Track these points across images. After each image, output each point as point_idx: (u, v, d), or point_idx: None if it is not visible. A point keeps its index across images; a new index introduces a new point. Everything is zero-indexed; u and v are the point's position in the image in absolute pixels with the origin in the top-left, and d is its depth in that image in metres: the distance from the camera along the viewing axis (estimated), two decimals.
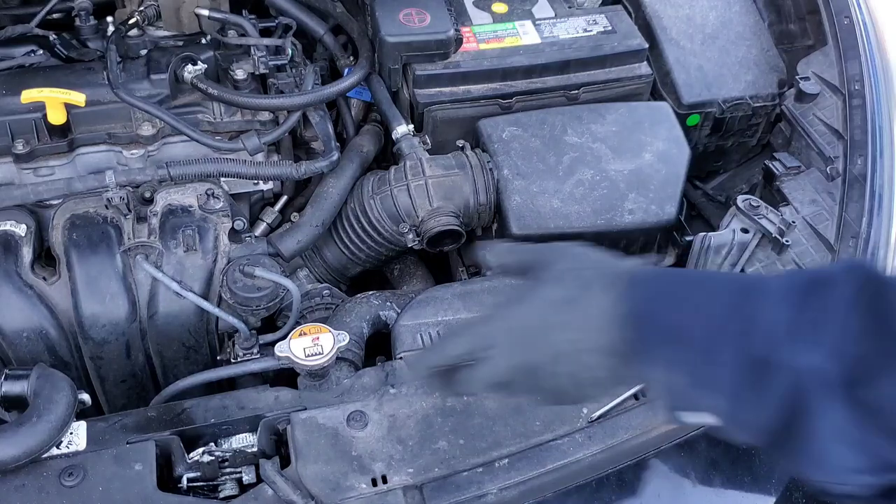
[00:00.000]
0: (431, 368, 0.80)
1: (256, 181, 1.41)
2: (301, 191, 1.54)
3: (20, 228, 1.25)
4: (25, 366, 1.07)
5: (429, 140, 1.48)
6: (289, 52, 1.45)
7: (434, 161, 1.39)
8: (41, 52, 1.42)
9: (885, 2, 1.57)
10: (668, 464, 1.10)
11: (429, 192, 1.35)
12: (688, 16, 1.66)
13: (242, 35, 1.46)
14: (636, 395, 1.11)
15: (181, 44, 1.47)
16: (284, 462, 1.03)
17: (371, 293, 1.33)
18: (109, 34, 1.46)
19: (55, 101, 1.25)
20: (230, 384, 1.28)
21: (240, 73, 1.40)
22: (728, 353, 0.70)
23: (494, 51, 1.51)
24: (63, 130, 1.30)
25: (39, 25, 1.43)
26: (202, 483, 1.04)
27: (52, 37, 1.43)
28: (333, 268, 1.47)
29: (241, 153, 1.37)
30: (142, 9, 1.48)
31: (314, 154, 1.50)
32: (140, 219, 1.29)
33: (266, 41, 1.44)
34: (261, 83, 1.45)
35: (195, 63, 1.38)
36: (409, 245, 1.37)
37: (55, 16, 1.51)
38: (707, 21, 1.66)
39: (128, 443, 1.02)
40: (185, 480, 1.03)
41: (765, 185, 1.49)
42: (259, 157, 1.39)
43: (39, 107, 1.27)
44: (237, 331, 1.23)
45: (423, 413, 1.07)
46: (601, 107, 1.50)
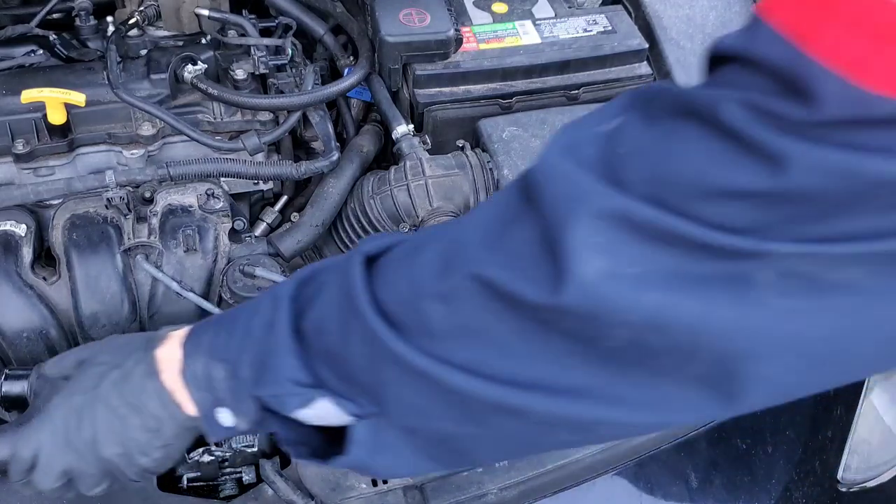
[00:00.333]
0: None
1: (256, 181, 1.41)
2: (301, 191, 1.54)
3: (20, 228, 1.25)
4: (26, 366, 1.07)
5: (429, 140, 1.48)
6: (289, 52, 1.45)
7: (434, 161, 1.39)
8: (41, 52, 1.42)
9: None
10: (668, 464, 1.10)
11: (429, 192, 1.35)
12: (688, 16, 1.66)
13: (242, 35, 1.46)
14: None
15: (181, 44, 1.47)
16: (284, 462, 1.03)
17: None
18: (109, 34, 1.46)
19: (55, 101, 1.25)
20: None
21: (240, 73, 1.40)
22: (241, 316, 0.76)
23: (494, 51, 1.51)
24: (63, 130, 1.30)
25: (39, 25, 1.43)
26: (202, 483, 1.04)
27: (52, 37, 1.43)
28: None
29: (242, 153, 1.37)
30: (142, 9, 1.48)
31: (314, 154, 1.50)
32: (140, 219, 1.29)
33: (266, 41, 1.44)
34: (261, 83, 1.45)
35: (195, 63, 1.38)
36: None
37: (55, 16, 1.51)
38: (707, 21, 1.66)
39: None
40: (186, 480, 1.03)
41: None
42: (259, 157, 1.39)
43: (39, 107, 1.27)
44: None
45: None
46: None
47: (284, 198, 1.51)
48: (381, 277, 0.67)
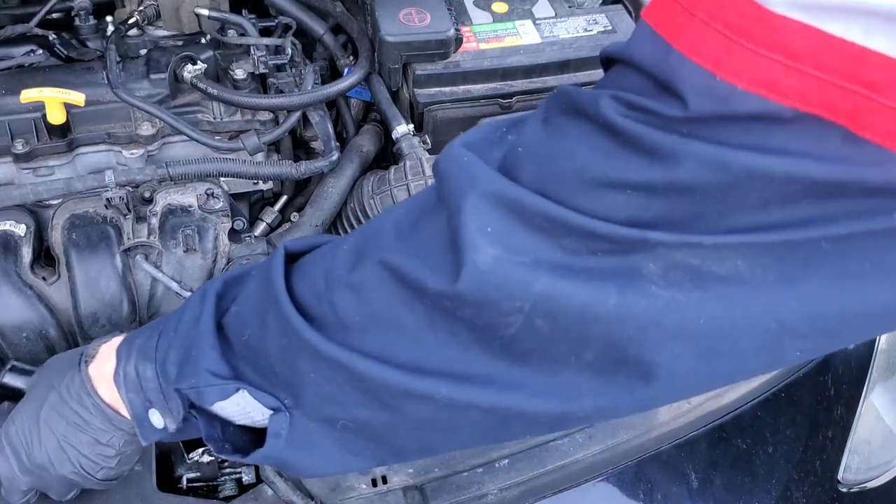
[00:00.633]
0: None
1: (256, 181, 1.40)
2: (301, 191, 1.54)
3: (20, 228, 1.25)
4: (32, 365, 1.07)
5: (429, 140, 1.48)
6: (288, 52, 1.45)
7: (434, 161, 1.39)
8: (40, 52, 1.42)
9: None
10: (668, 464, 1.10)
11: None
12: None
13: (242, 35, 1.45)
14: None
15: (181, 43, 1.47)
16: None
17: None
18: (109, 34, 1.46)
19: (55, 101, 1.25)
20: None
21: (239, 73, 1.40)
22: (171, 316, 0.79)
23: (495, 50, 1.50)
24: (62, 130, 1.30)
25: (39, 25, 1.43)
26: (202, 483, 1.04)
27: (52, 36, 1.43)
28: None
29: (241, 153, 1.37)
30: (141, 8, 1.48)
31: (314, 154, 1.50)
32: (140, 219, 1.29)
33: (266, 41, 1.44)
34: (260, 83, 1.45)
35: (195, 63, 1.38)
36: None
37: (55, 15, 1.51)
38: None
39: None
40: (185, 481, 1.03)
41: None
42: (259, 157, 1.39)
43: (39, 106, 1.27)
44: None
45: None
46: None
47: (284, 198, 1.51)
48: (300, 271, 0.70)
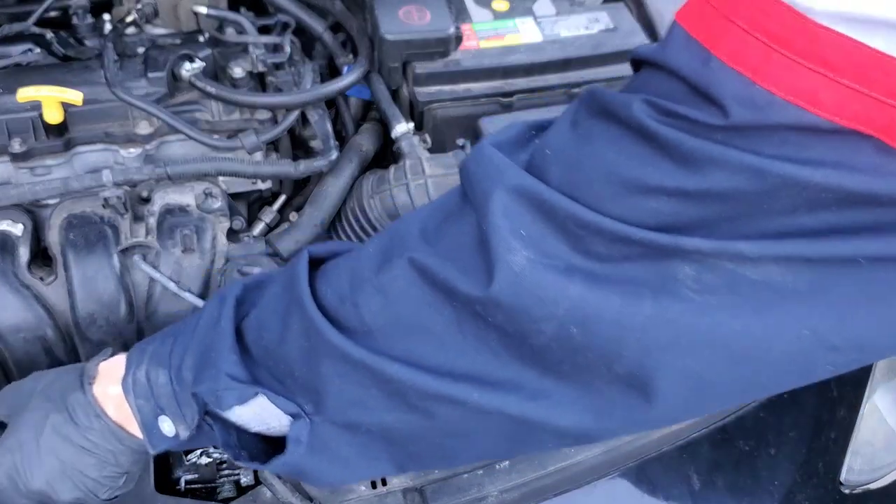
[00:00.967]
0: None
1: (255, 180, 1.40)
2: (300, 190, 1.53)
3: (16, 228, 1.24)
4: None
5: (429, 139, 1.47)
6: (287, 50, 1.45)
7: (434, 160, 1.38)
8: (38, 51, 1.41)
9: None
10: (670, 466, 1.09)
11: (429, 192, 1.34)
12: None
13: (241, 33, 1.45)
14: None
15: (179, 42, 1.46)
16: None
17: None
18: (106, 32, 1.46)
19: (52, 100, 1.24)
20: None
21: (238, 72, 1.39)
22: (184, 324, 0.79)
23: (495, 49, 1.50)
24: (60, 129, 1.29)
25: (36, 23, 1.42)
26: (200, 485, 1.03)
27: (49, 35, 1.42)
28: None
29: (240, 152, 1.36)
30: (139, 6, 1.47)
31: (313, 153, 1.49)
32: (137, 218, 1.28)
33: (264, 39, 1.43)
34: (259, 81, 1.45)
35: (193, 61, 1.38)
36: None
37: (52, 14, 1.50)
38: None
39: None
40: (183, 482, 1.02)
41: None
42: (257, 156, 1.38)
43: (36, 105, 1.26)
44: None
45: None
46: None
47: (283, 197, 1.50)
48: (324, 275, 0.69)
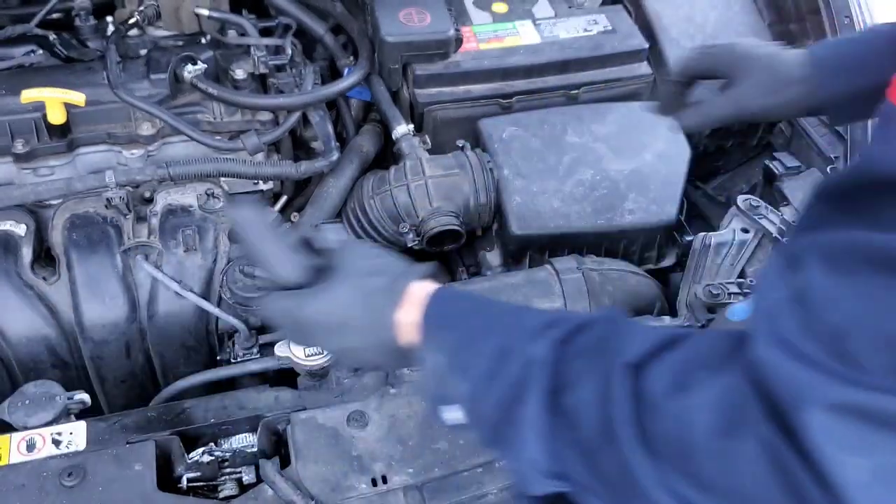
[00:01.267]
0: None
1: (256, 181, 1.40)
2: (301, 191, 1.54)
3: (20, 228, 1.25)
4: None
5: (429, 140, 1.48)
6: (288, 52, 1.45)
7: (434, 161, 1.39)
8: (41, 52, 1.42)
9: (886, 1, 1.57)
10: None
11: (429, 192, 1.35)
12: (688, 15, 1.66)
13: (242, 35, 1.46)
14: None
15: (181, 43, 1.47)
16: (284, 462, 1.02)
17: None
18: (109, 34, 1.46)
19: (55, 101, 1.25)
20: (230, 384, 1.28)
21: (239, 73, 1.40)
22: (488, 343, 0.76)
23: (495, 50, 1.50)
24: (63, 130, 1.30)
25: (39, 25, 1.43)
26: (202, 483, 1.04)
27: (52, 36, 1.43)
28: None
29: (241, 153, 1.37)
30: (142, 8, 1.48)
31: (314, 154, 1.50)
32: (140, 219, 1.29)
33: (266, 41, 1.44)
34: (261, 83, 1.45)
35: (195, 63, 1.38)
36: (409, 245, 1.37)
37: (55, 15, 1.51)
38: (707, 21, 1.66)
39: (128, 443, 1.02)
40: (185, 480, 1.03)
41: (765, 185, 1.49)
42: (259, 157, 1.39)
43: (39, 106, 1.27)
44: (237, 331, 1.23)
45: (424, 413, 1.07)
46: (601, 107, 1.49)
47: (284, 198, 1.51)
48: (647, 403, 0.64)
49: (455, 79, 1.48)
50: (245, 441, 1.07)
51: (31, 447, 1.00)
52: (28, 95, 1.23)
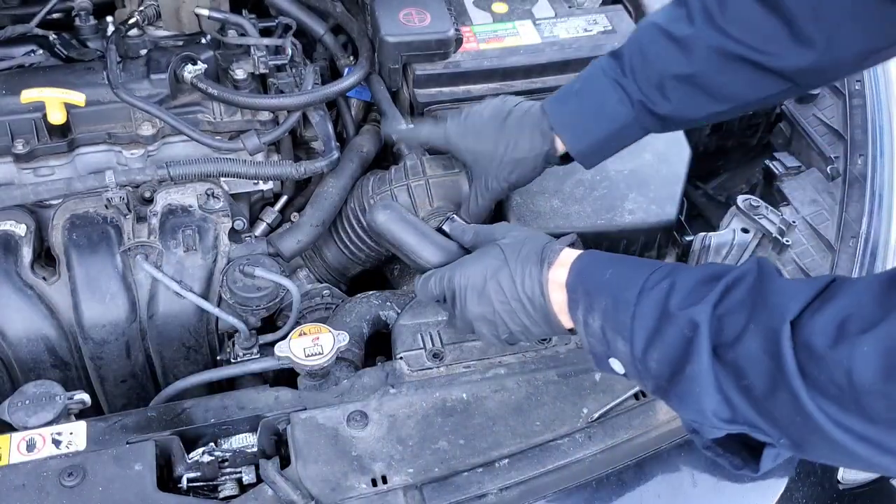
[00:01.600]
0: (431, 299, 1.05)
1: (256, 181, 1.41)
2: (301, 190, 1.54)
3: (20, 228, 1.25)
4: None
5: None
6: (289, 52, 1.45)
7: (434, 161, 1.39)
8: (41, 52, 1.42)
9: None
10: (668, 464, 1.10)
11: (429, 192, 1.35)
12: None
13: (242, 35, 1.46)
14: (636, 395, 1.11)
15: (181, 44, 1.47)
16: (284, 462, 1.02)
17: (371, 293, 1.32)
18: (109, 34, 1.46)
19: (55, 101, 1.25)
20: (230, 384, 1.28)
21: (240, 73, 1.40)
22: (642, 308, 0.84)
23: (494, 50, 1.50)
24: (63, 130, 1.30)
25: (39, 25, 1.43)
26: (202, 483, 1.04)
27: (52, 36, 1.43)
28: (333, 268, 1.47)
29: (241, 153, 1.37)
30: (142, 9, 1.48)
31: (314, 154, 1.50)
32: (140, 219, 1.29)
33: (266, 41, 1.44)
34: (261, 83, 1.45)
35: (195, 63, 1.38)
36: None
37: (55, 16, 1.51)
38: None
39: (128, 443, 1.02)
40: (185, 480, 1.03)
41: (765, 185, 1.49)
42: (259, 157, 1.39)
43: (39, 107, 1.27)
44: (237, 331, 1.23)
45: (423, 413, 1.07)
46: None
47: (284, 198, 1.51)
48: (810, 352, 0.72)
49: (455, 79, 1.48)
50: (245, 441, 1.07)
51: (31, 447, 1.00)
52: (28, 95, 1.23)
